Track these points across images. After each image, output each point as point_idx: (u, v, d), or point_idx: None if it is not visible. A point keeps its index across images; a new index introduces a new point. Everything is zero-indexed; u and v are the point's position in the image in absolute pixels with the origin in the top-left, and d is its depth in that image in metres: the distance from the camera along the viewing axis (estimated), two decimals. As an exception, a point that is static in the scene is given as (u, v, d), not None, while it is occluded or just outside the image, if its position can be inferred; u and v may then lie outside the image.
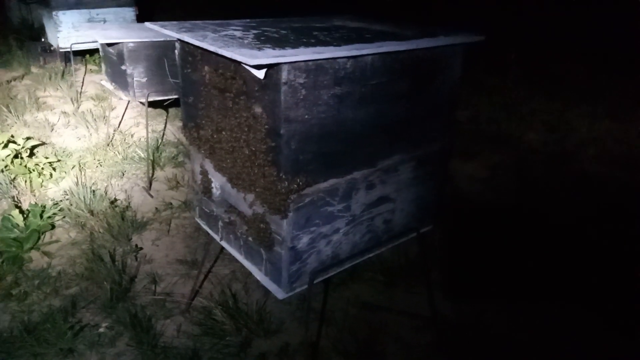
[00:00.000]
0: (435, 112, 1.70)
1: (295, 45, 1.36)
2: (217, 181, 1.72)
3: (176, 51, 1.66)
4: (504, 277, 2.47)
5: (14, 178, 3.17)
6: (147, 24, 1.68)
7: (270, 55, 1.20)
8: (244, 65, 1.24)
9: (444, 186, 1.99)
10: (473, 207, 3.14)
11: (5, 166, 3.17)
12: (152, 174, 3.39)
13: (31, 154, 3.44)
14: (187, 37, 1.43)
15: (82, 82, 5.14)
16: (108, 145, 3.78)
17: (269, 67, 1.25)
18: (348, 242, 1.67)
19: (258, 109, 1.38)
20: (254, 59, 1.17)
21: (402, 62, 1.50)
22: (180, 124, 4.32)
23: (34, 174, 3.21)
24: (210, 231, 1.91)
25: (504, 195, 3.37)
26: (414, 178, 1.76)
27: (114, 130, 4.06)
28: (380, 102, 1.51)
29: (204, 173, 1.78)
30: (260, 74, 1.25)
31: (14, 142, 3.30)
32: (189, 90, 1.70)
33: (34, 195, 3.13)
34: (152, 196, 3.19)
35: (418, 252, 2.38)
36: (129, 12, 4.91)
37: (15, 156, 3.24)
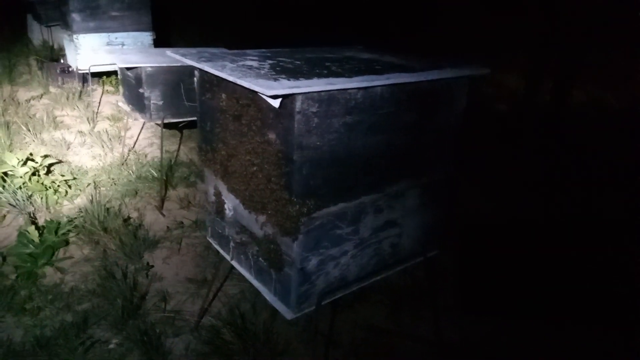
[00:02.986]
0: (441, 141, 1.77)
1: (308, 76, 1.44)
2: (230, 202, 1.78)
3: (195, 79, 1.75)
4: (512, 296, 2.49)
5: (31, 195, 3.26)
6: (168, 52, 1.77)
7: (286, 86, 1.28)
8: (260, 94, 1.32)
9: (451, 211, 2.03)
10: (480, 229, 3.16)
11: (24, 183, 3.26)
12: (165, 194, 3.47)
13: (48, 172, 3.54)
14: (207, 67, 1.51)
15: (99, 103, 5.29)
16: (122, 164, 3.88)
17: (284, 97, 1.32)
18: (356, 265, 1.72)
19: (272, 135, 1.45)
20: (271, 89, 1.25)
21: (410, 93, 1.57)
22: (192, 144, 4.43)
23: (50, 191, 3.30)
24: (221, 251, 1.96)
25: (511, 212, 3.39)
26: (421, 203, 1.81)
27: (129, 150, 4.16)
28: (388, 131, 1.57)
29: (218, 194, 1.85)
30: (276, 103, 1.33)
31: (33, 160, 3.40)
32: (206, 115, 1.78)
33: (50, 212, 3.22)
34: (164, 215, 3.26)
35: (424, 275, 2.42)
36: (147, 37, 5.08)
37: (33, 174, 3.34)
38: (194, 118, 3.33)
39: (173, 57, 1.68)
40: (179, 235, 3.04)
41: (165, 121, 3.22)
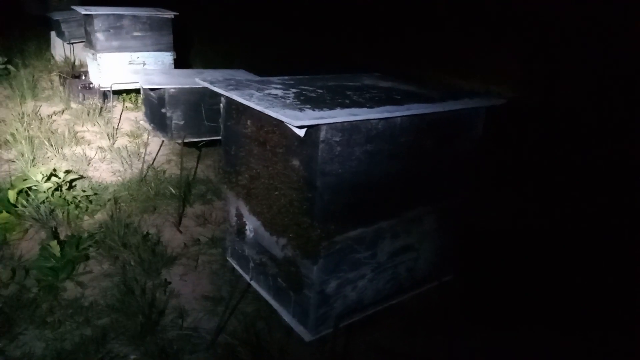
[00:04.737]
0: (458, 168, 1.81)
1: (331, 106, 1.50)
2: (251, 224, 1.84)
3: (221, 105, 1.83)
4: (525, 315, 2.49)
5: (53, 209, 3.35)
6: (196, 79, 1.85)
7: (311, 117, 1.34)
8: (287, 124, 1.38)
9: (466, 236, 2.06)
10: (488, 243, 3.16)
11: (46, 198, 3.36)
12: (183, 211, 3.54)
13: (70, 187, 3.63)
14: (235, 96, 1.59)
15: (119, 119, 5.43)
16: (141, 181, 3.97)
17: (309, 126, 1.38)
18: (372, 288, 1.76)
19: (295, 162, 1.51)
20: (298, 120, 1.31)
21: (429, 123, 1.63)
22: (209, 162, 4.51)
23: (72, 206, 3.39)
24: (240, 270, 2.01)
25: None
26: (437, 229, 1.85)
27: (148, 167, 4.26)
28: (407, 158, 1.62)
29: (239, 215, 1.91)
30: (301, 132, 1.39)
31: (56, 176, 3.50)
32: (231, 139, 1.85)
33: (70, 227, 3.30)
34: (181, 232, 3.32)
35: (439, 300, 2.43)
36: (168, 57, 5.23)
37: (56, 189, 3.43)
38: (214, 137, 3.42)
39: (202, 84, 1.75)
40: (195, 253, 3.10)
41: (186, 140, 3.31)
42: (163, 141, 4.27)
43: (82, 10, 4.95)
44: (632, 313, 2.62)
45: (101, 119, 5.40)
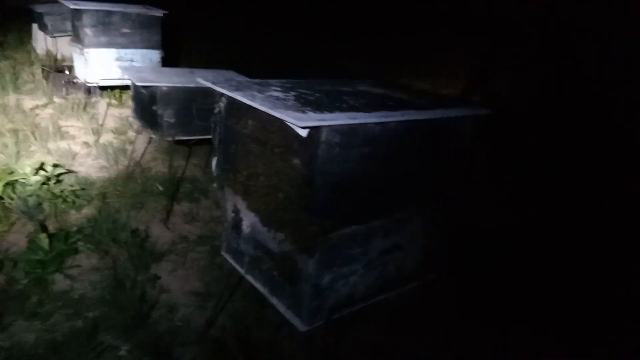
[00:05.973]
0: (447, 172, 1.93)
1: (331, 109, 1.60)
2: (248, 220, 1.92)
3: (221, 104, 1.90)
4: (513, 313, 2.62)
5: (40, 203, 3.34)
6: (198, 79, 1.92)
7: (314, 119, 1.44)
8: (290, 124, 1.47)
9: (454, 237, 2.17)
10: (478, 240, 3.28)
11: (34, 191, 3.35)
12: (171, 208, 3.57)
13: (57, 181, 3.63)
14: (239, 96, 1.67)
15: (104, 115, 5.40)
16: (128, 177, 3.98)
17: (312, 127, 1.48)
18: (362, 284, 1.85)
19: (296, 161, 1.60)
20: (301, 121, 1.40)
21: (421, 129, 1.74)
22: (196, 161, 4.55)
23: (59, 200, 3.39)
24: (235, 265, 2.08)
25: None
26: (426, 229, 1.96)
27: (134, 164, 4.26)
28: (399, 161, 1.73)
29: (236, 211, 1.98)
30: (304, 133, 1.48)
31: (44, 170, 3.50)
32: (230, 138, 1.92)
33: (57, 221, 3.30)
34: (169, 229, 3.36)
35: (425, 297, 2.54)
36: (155, 55, 5.24)
37: (44, 183, 3.43)
38: (204, 136, 3.47)
39: (205, 84, 1.82)
40: (184, 249, 3.14)
41: (176, 138, 3.36)
42: (150, 139, 4.29)
43: (71, 5, 4.93)
44: (617, 308, 2.77)
45: (85, 114, 5.36)
